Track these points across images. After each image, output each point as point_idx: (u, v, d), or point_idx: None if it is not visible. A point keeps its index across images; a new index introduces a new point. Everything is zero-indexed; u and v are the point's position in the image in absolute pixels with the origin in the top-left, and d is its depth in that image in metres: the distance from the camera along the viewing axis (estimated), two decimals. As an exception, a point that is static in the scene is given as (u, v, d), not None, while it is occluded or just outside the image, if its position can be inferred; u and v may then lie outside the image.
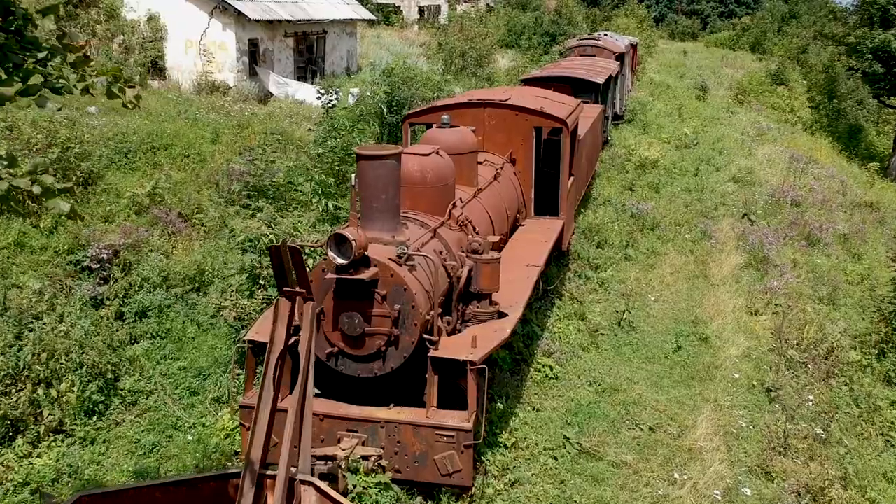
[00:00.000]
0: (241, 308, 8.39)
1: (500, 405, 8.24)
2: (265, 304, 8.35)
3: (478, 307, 7.38)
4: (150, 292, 9.77)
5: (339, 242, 6.22)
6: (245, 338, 6.91)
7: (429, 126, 11.08)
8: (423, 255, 6.62)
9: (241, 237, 8.40)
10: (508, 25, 52.71)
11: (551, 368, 9.23)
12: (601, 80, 18.86)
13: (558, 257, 12.01)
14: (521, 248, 9.58)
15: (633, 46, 35.81)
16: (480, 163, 10.21)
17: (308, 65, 31.04)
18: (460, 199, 8.33)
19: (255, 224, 8.43)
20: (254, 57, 27.33)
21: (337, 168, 9.82)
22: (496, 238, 8.66)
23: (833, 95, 40.07)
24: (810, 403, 9.50)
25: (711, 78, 46.09)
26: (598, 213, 15.44)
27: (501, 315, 7.49)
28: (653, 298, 12.16)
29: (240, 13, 25.48)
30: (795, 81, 43.53)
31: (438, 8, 55.95)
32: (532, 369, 9.27)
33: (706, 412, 8.85)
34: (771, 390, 9.52)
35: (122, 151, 14.22)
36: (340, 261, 6.24)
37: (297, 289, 5.14)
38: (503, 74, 27.19)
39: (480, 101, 10.88)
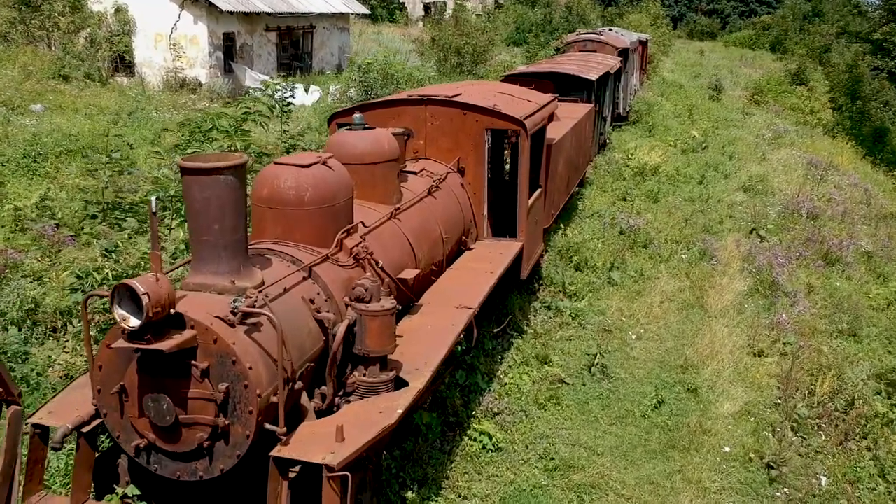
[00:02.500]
0: (71, 365, 6.49)
1: (411, 494, 6.28)
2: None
3: (364, 375, 5.42)
4: (5, 329, 7.90)
5: (131, 297, 4.29)
6: (29, 420, 4.98)
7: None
8: (264, 314, 4.65)
9: (68, 272, 6.50)
10: (517, 22, 50.95)
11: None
12: (594, 78, 16.83)
13: (521, 286, 10.01)
14: (458, 281, 7.62)
15: (643, 43, 33.66)
16: (416, 173, 8.29)
17: (293, 61, 29.23)
18: (362, 222, 6.38)
19: (94, 254, 6.55)
20: (230, 52, 25.54)
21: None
22: (414, 273, 6.72)
23: (856, 96, 37.73)
24: (823, 482, 7.48)
25: (728, 78, 43.91)
26: (583, 228, 13.43)
27: (401, 384, 5.53)
28: (634, 336, 10.14)
29: (211, 4, 23.69)
30: (816, 81, 41.20)
31: (444, 4, 54.04)
32: (467, 437, 7.29)
33: (686, 499, 6.84)
34: (772, 467, 7.48)
35: (31, 155, 12.39)
36: (132, 323, 4.31)
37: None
38: (491, 71, 25.16)
39: (421, 97, 8.93)
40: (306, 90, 24.30)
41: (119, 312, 4.33)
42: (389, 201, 7.15)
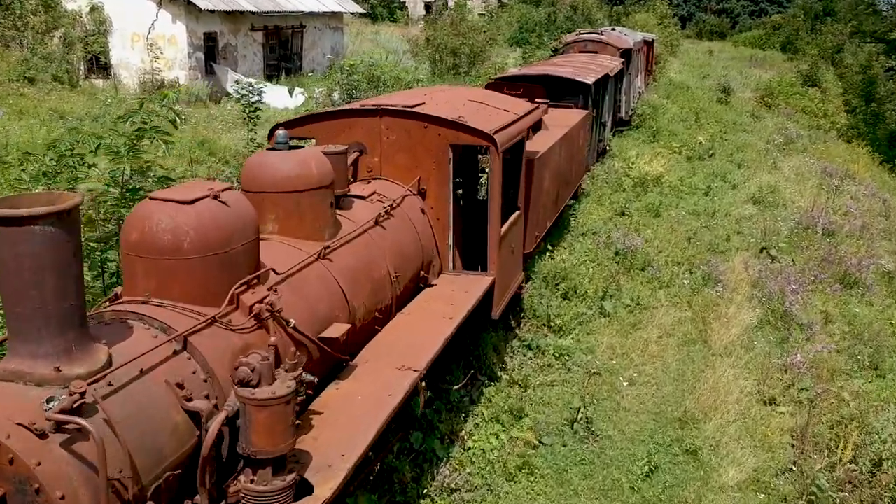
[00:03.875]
0: None
1: None
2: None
3: (252, 480, 4.13)
4: None
5: None
6: None
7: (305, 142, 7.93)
8: (75, 422, 3.36)
9: None
10: (521, 22, 49.78)
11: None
12: (591, 81, 15.51)
13: (498, 323, 8.70)
14: (407, 330, 6.33)
15: (648, 44, 32.32)
16: (364, 197, 7.01)
17: (281, 62, 28.00)
18: (273, 269, 5.10)
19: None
20: (212, 52, 24.32)
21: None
22: (344, 328, 5.43)
23: (871, 98, 36.28)
24: (848, 576, 6.17)
25: (737, 79, 42.53)
26: (575, 249, 12.13)
27: (303, 490, 4.24)
28: (625, 382, 8.81)
29: (190, 3, 22.47)
30: (829, 83, 39.73)
31: (446, 3, 52.76)
32: (414, 524, 6.00)
33: None
34: (787, 560, 6.17)
35: (-41, 167, 11.15)
36: None
37: None
38: (482, 74, 23.85)
39: (375, 107, 7.65)
40: (290, 92, 23.08)
41: None
42: (319, 237, 5.86)
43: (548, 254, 11.10)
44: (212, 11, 22.96)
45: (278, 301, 4.87)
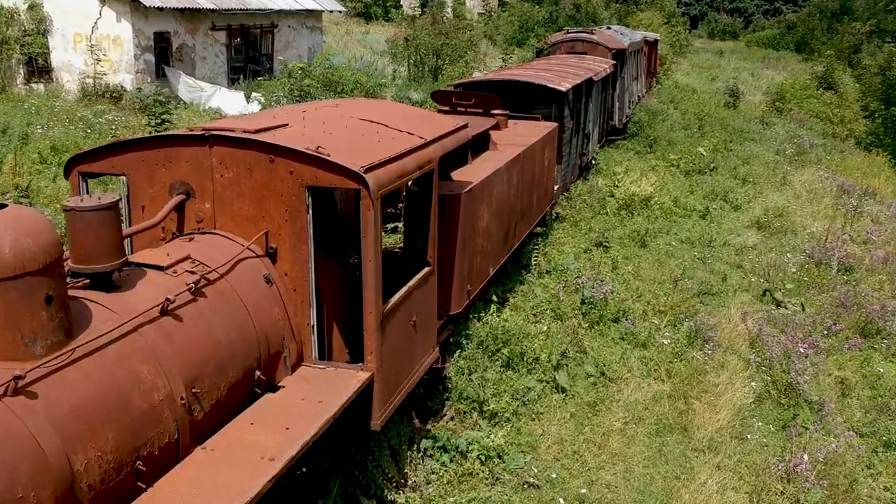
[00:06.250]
0: None
1: None
2: None
3: None
4: None
5: None
6: None
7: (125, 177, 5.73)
8: None
9: None
10: (521, 21, 47.68)
11: None
12: (566, 88, 13.21)
13: (402, 415, 6.45)
14: (187, 492, 4.08)
15: (650, 44, 30.01)
16: (164, 268, 4.78)
17: (248, 64, 25.83)
18: None
19: None
20: (164, 54, 22.17)
21: None
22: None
23: (892, 102, 33.72)
24: None
25: (749, 81, 40.23)
26: (535, 295, 9.85)
27: None
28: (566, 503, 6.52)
29: (135, 0, 20.32)
30: (846, 85, 37.17)
31: (443, 3, 50.54)
32: None
33: None
34: None
35: None
36: None
37: None
38: (444, 80, 21.57)
39: (204, 133, 5.41)
40: (247, 98, 20.92)
41: None
42: (21, 355, 3.62)
43: (492, 307, 8.82)
44: (160, 9, 20.79)
45: None
